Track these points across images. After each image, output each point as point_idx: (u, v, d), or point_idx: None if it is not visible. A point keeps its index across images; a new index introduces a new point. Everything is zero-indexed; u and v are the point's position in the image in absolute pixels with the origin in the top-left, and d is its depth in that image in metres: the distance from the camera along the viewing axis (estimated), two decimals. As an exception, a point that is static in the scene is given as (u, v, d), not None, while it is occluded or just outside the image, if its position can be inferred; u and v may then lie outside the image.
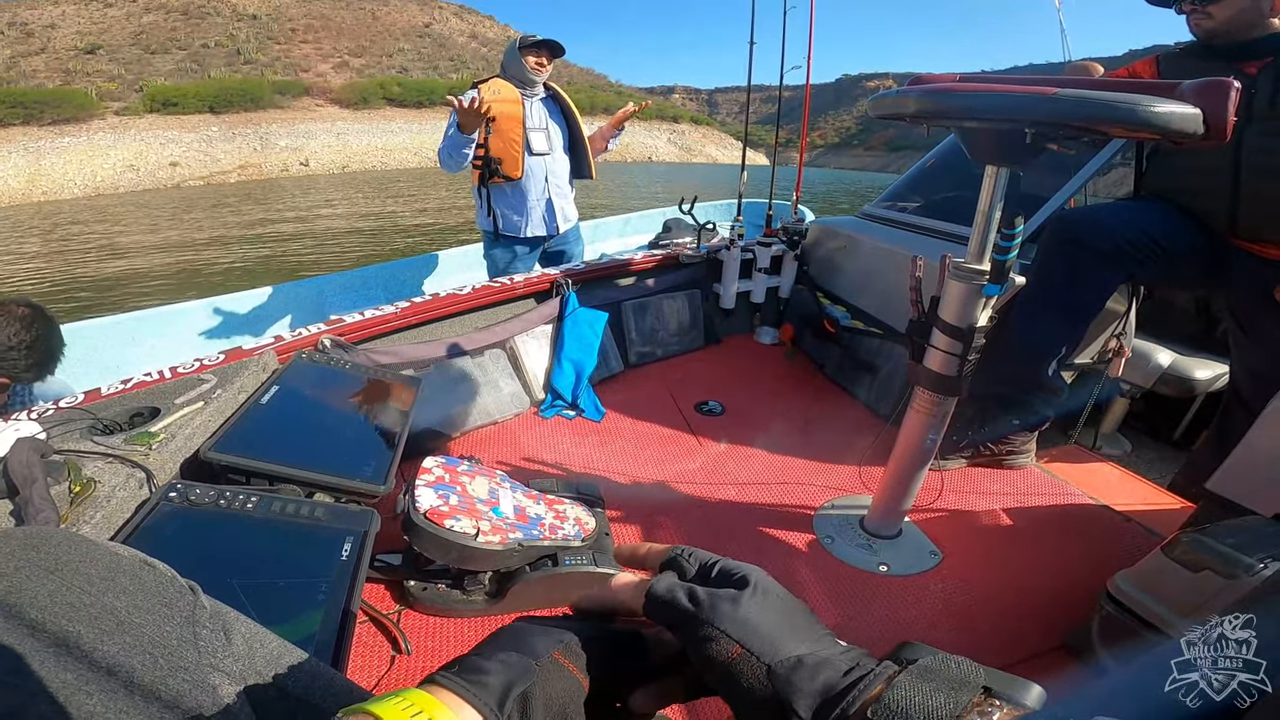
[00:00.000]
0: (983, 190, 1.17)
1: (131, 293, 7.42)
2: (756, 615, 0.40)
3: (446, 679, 0.37)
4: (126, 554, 0.56)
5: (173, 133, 29.01)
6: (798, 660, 0.38)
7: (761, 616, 0.40)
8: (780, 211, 2.99)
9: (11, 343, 1.57)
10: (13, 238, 12.47)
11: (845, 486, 1.79)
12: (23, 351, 1.59)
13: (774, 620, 0.40)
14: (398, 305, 2.01)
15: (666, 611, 0.43)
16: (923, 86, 1.15)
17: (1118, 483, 1.86)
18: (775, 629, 0.40)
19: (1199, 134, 0.92)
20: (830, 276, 2.71)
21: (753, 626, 0.40)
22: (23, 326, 1.60)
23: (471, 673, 0.38)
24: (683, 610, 0.42)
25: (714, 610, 0.41)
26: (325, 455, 1.25)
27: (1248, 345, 1.71)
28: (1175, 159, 1.68)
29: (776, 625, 0.40)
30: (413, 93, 40.40)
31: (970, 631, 1.30)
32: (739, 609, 0.41)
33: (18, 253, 10.67)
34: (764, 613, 0.41)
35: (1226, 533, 1.04)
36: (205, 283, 7.81)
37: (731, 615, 0.40)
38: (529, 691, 0.38)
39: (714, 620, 0.40)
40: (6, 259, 10.12)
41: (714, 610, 0.41)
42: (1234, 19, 1.46)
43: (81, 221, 14.34)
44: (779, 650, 0.38)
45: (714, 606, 0.41)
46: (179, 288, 7.41)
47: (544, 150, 2.78)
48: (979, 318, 1.23)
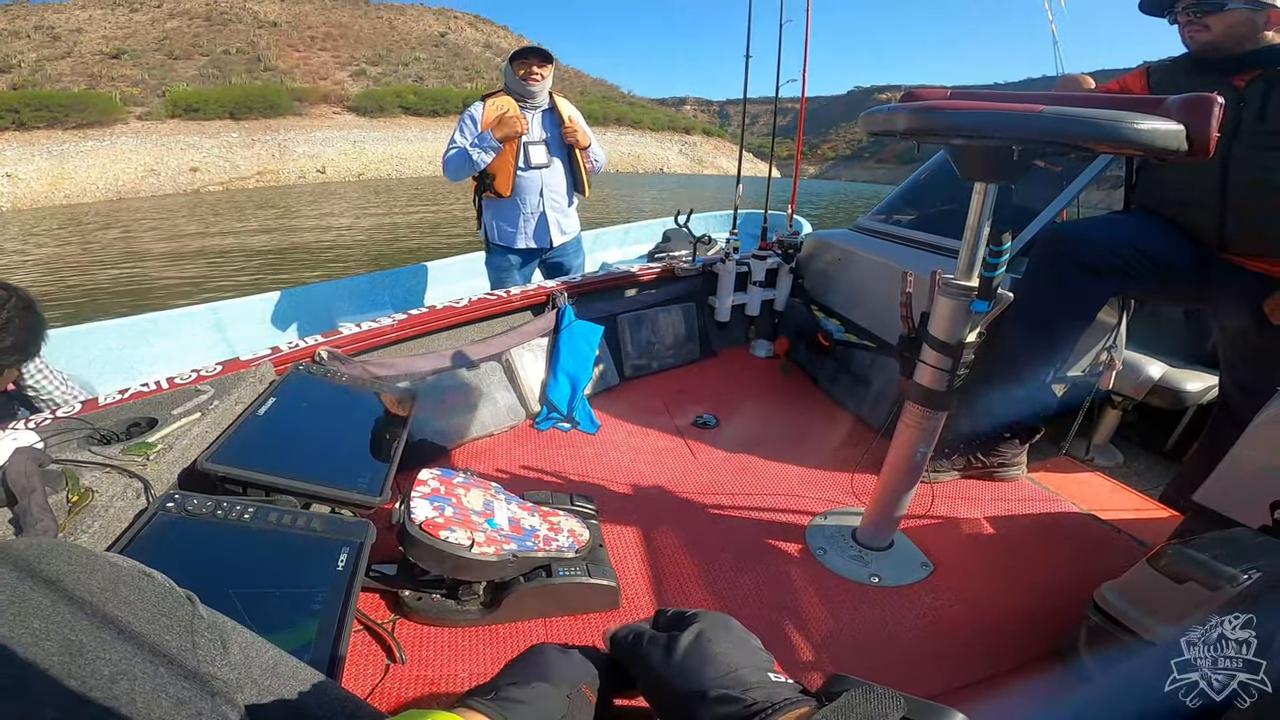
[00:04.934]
0: (971, 207, 1.18)
1: (141, 294, 7.47)
2: (681, 656, 0.45)
3: (482, 704, 0.40)
4: (126, 564, 0.57)
5: (194, 138, 29.08)
6: (703, 693, 0.41)
7: (685, 656, 0.45)
8: (777, 223, 3.02)
9: None
10: (44, 237, 12.55)
11: (838, 498, 1.80)
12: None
13: (697, 657, 0.45)
14: (394, 318, 2.02)
15: (617, 650, 0.50)
16: (912, 104, 1.17)
17: (1109, 494, 1.87)
18: (694, 664, 0.44)
19: (1183, 150, 0.93)
20: (824, 290, 2.73)
21: (674, 664, 0.45)
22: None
23: (506, 702, 0.41)
24: (627, 649, 0.49)
25: (647, 650, 0.47)
26: (321, 466, 1.26)
27: (1236, 359, 1.72)
28: (1164, 172, 1.69)
29: (698, 661, 0.45)
30: (428, 101, 40.47)
31: (961, 642, 1.31)
32: (663, 648, 0.47)
33: (41, 253, 10.74)
34: (689, 653, 0.45)
35: (1211, 544, 1.06)
36: (219, 286, 7.87)
37: (654, 654, 0.46)
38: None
39: (644, 657, 0.47)
40: (31, 258, 10.21)
41: (647, 650, 0.47)
42: (1229, 32, 1.46)
43: (106, 225, 14.43)
44: (690, 683, 0.43)
45: (649, 645, 0.48)
46: (193, 291, 7.46)
47: (542, 163, 2.82)
48: (968, 334, 1.24)
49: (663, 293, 2.73)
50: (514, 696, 0.41)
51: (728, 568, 1.50)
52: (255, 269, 9.00)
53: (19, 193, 21.16)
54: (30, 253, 10.89)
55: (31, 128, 25.14)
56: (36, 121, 25.33)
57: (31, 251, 11.00)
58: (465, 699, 0.40)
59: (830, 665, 1.23)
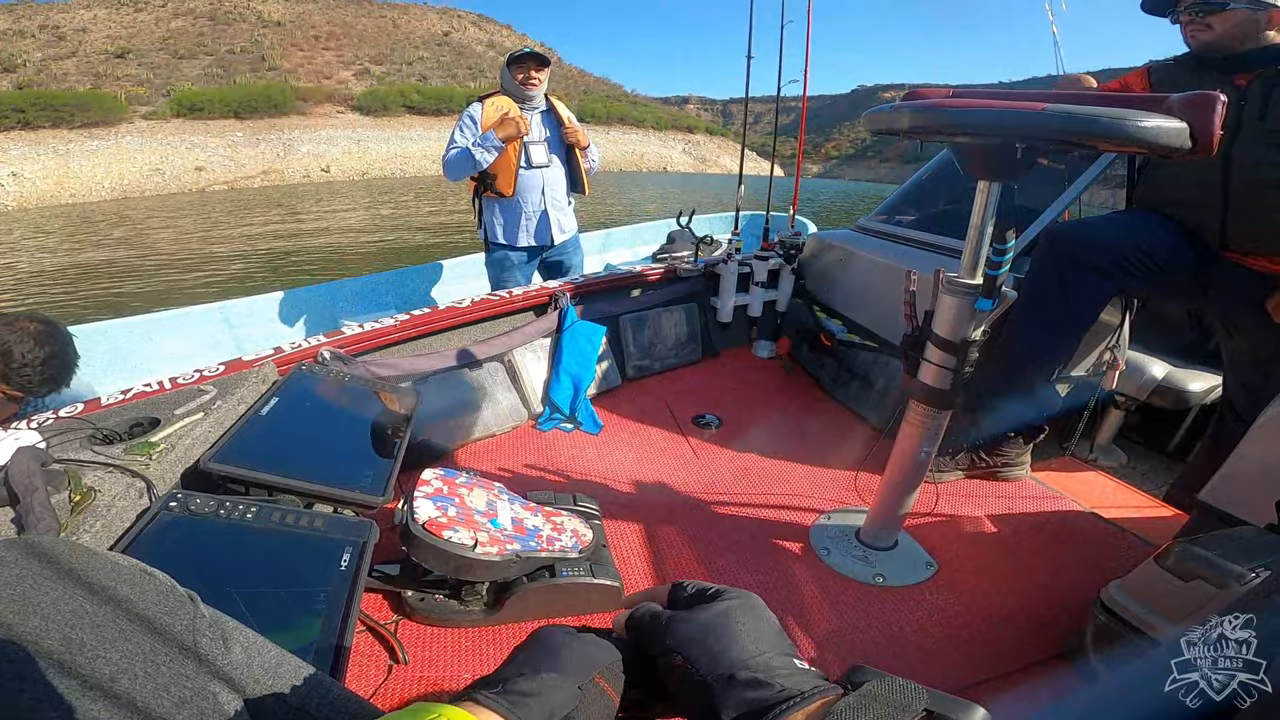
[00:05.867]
0: (975, 205, 1.18)
1: (145, 293, 7.49)
2: (703, 633, 0.43)
3: (490, 699, 0.38)
4: (127, 563, 0.57)
5: (198, 137, 29.18)
6: (731, 676, 0.40)
7: (710, 634, 0.43)
8: (779, 224, 3.01)
9: (26, 359, 1.58)
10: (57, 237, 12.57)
11: (841, 498, 1.80)
12: (37, 368, 1.61)
13: (725, 638, 0.42)
14: (396, 318, 2.02)
15: (636, 631, 0.47)
16: (914, 102, 1.17)
17: (1112, 494, 1.87)
18: (723, 646, 0.42)
19: (1186, 148, 0.93)
20: (826, 290, 2.73)
21: (696, 642, 0.42)
22: (36, 343, 1.61)
23: (515, 694, 0.39)
24: (648, 629, 0.46)
25: (668, 629, 0.44)
26: (324, 466, 1.26)
27: (1240, 358, 1.72)
28: (1166, 172, 1.69)
29: (726, 642, 0.42)
30: (431, 100, 40.47)
31: (965, 642, 1.30)
32: (688, 627, 0.44)
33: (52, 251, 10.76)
34: (715, 631, 0.43)
35: (1218, 542, 1.05)
36: (224, 285, 7.89)
37: (679, 633, 0.44)
38: (572, 715, 0.40)
39: (665, 637, 0.44)
40: (36, 257, 10.24)
41: (668, 629, 0.44)
42: (1232, 31, 1.47)
43: (111, 223, 14.47)
44: (718, 665, 0.41)
45: (669, 625, 0.45)
46: (204, 292, 7.47)
47: (543, 163, 2.83)
48: (972, 332, 1.24)
49: (665, 293, 2.73)
50: (522, 689, 0.39)
51: (731, 567, 1.50)
52: (261, 267, 9.03)
53: (25, 191, 21.21)
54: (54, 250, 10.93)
55: (37, 127, 25.24)
56: (42, 121, 25.42)
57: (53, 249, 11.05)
58: (471, 692, 0.39)
59: (835, 665, 1.23)
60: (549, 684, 0.40)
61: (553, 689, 0.40)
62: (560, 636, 0.46)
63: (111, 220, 15.04)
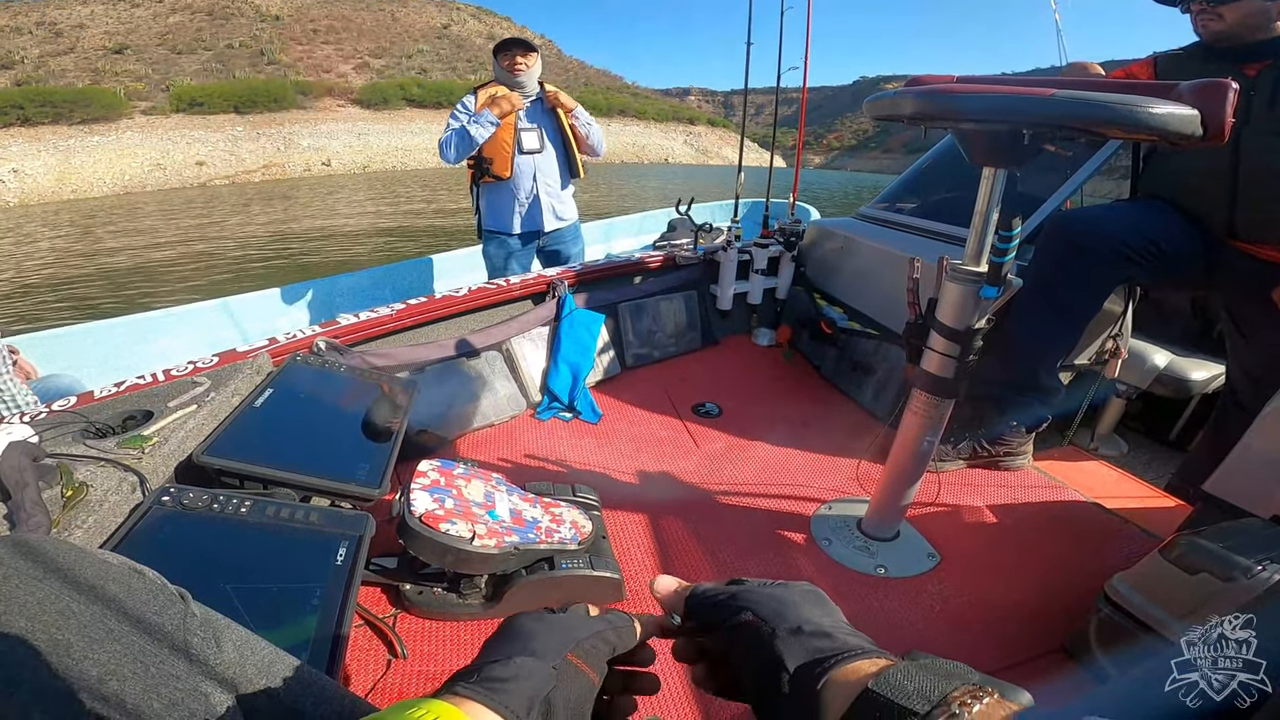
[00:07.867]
0: (980, 192, 1.16)
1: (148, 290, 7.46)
2: (772, 595, 0.47)
3: (469, 689, 0.38)
4: (116, 561, 0.56)
5: (199, 132, 29.23)
6: (798, 628, 0.43)
7: (780, 596, 0.47)
8: (779, 212, 2.99)
9: None
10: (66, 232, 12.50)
11: (843, 488, 1.79)
12: None
13: (793, 601, 0.46)
14: (393, 307, 2.00)
15: (707, 601, 0.50)
16: (920, 88, 1.14)
17: (1114, 484, 1.86)
18: (789, 606, 0.45)
19: (1197, 135, 0.91)
20: (827, 278, 2.71)
21: (767, 600, 0.46)
22: None
23: (493, 682, 0.39)
24: (721, 599, 0.49)
25: (742, 593, 0.48)
26: (320, 459, 1.25)
27: (1245, 347, 1.71)
28: (1172, 160, 1.68)
29: (793, 604, 0.46)
30: (432, 93, 40.46)
31: (968, 633, 1.30)
32: (759, 594, 0.47)
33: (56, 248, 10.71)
34: (783, 595, 0.47)
35: (1223, 535, 1.04)
36: (223, 279, 7.87)
37: (751, 596, 0.47)
38: (550, 696, 0.41)
39: (739, 599, 0.47)
40: (37, 254, 10.20)
41: (742, 593, 0.48)
42: (1243, 22, 1.45)
43: (113, 220, 14.40)
44: (785, 620, 0.44)
45: (743, 590, 0.48)
46: (199, 285, 7.46)
47: (535, 148, 2.84)
48: (977, 320, 1.22)
49: (664, 281, 2.71)
50: (497, 675, 0.39)
51: (732, 558, 1.49)
52: (269, 262, 9.00)
53: (26, 188, 21.20)
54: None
55: (37, 124, 25.23)
56: (41, 118, 25.42)
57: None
58: (451, 685, 0.39)
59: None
60: (523, 668, 0.41)
61: (527, 673, 0.40)
62: (528, 622, 0.47)
63: (113, 216, 14.97)
